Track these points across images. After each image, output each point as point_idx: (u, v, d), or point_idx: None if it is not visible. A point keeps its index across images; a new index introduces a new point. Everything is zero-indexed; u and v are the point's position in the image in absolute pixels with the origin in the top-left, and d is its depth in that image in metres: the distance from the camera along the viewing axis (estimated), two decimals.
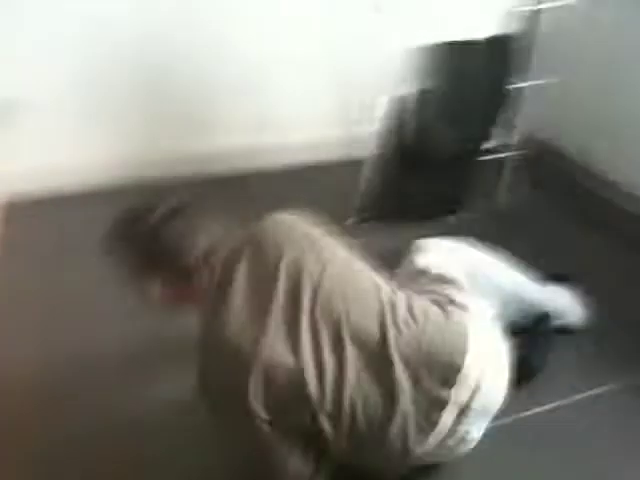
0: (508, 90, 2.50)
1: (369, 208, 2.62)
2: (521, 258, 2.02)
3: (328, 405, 1.41)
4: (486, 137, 2.58)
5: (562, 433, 1.78)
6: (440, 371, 1.46)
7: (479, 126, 2.52)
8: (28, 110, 2.53)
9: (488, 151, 2.64)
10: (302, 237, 1.55)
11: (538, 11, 2.40)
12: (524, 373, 1.78)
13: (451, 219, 2.65)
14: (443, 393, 1.46)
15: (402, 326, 1.47)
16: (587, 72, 2.70)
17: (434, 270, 1.74)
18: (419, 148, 2.46)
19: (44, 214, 2.64)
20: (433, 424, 1.46)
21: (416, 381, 1.44)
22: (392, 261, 1.87)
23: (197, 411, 1.47)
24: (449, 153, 2.43)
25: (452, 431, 1.49)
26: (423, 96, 2.38)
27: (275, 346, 1.39)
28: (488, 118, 2.52)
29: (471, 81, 2.41)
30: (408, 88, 2.38)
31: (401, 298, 1.54)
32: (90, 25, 2.57)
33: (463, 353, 1.47)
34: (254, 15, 2.76)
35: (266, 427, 1.40)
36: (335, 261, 1.53)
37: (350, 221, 2.61)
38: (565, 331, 2.06)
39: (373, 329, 1.46)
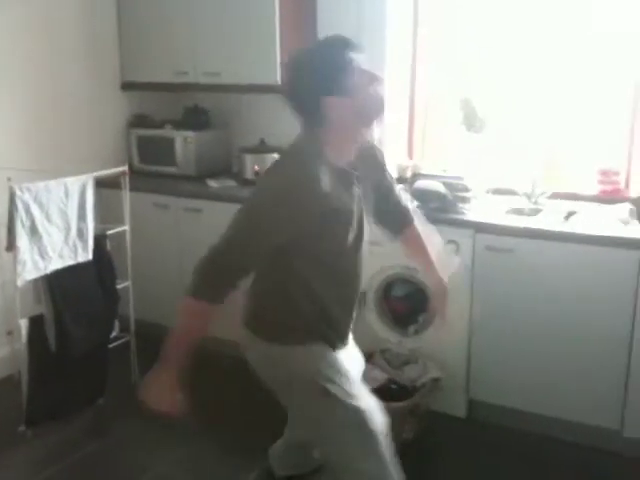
0: (114, 289, 3.24)
1: (35, 413, 2.98)
2: None
3: None
4: (111, 329, 3.26)
5: None
6: None
7: (102, 323, 3.17)
8: None
9: (115, 339, 3.34)
10: None
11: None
12: None
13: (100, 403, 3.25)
14: None
15: None
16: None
17: None
18: (61, 352, 2.96)
19: None
20: None
21: None
22: None
23: None
24: (83, 350, 3.03)
25: None
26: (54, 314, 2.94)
27: None
28: (107, 314, 3.19)
29: (84, 291, 3.06)
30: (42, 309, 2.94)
31: None
32: None
33: None
34: None
35: None
36: None
37: (22, 428, 2.96)
38: None
39: None
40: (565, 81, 3.36)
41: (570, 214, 3.00)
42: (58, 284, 2.93)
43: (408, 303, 3.20)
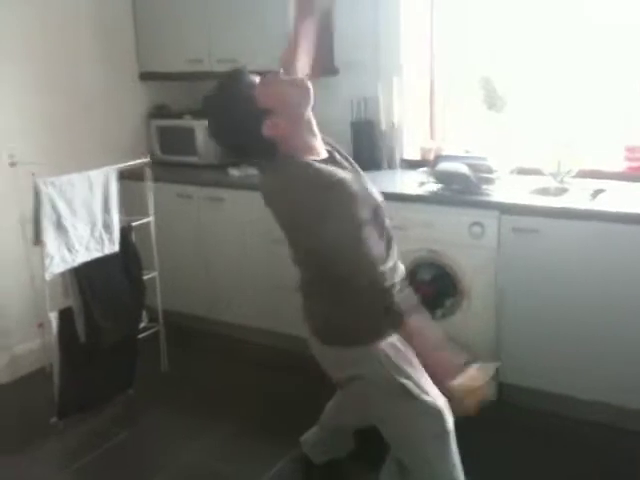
0: (141, 280, 3.25)
1: (66, 405, 3.00)
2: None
3: None
4: (138, 320, 3.27)
5: None
6: None
7: (130, 314, 3.20)
8: None
9: (144, 329, 3.35)
10: None
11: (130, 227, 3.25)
12: None
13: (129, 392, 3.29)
14: None
15: None
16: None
17: None
18: (90, 343, 2.99)
19: None
20: None
21: None
22: None
23: None
24: (112, 341, 3.06)
25: None
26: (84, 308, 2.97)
27: None
28: (135, 305, 3.21)
29: (111, 282, 3.08)
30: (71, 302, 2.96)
31: None
32: None
33: None
34: None
35: None
36: None
37: (54, 420, 2.99)
38: None
39: None
40: (589, 56, 3.29)
41: (597, 192, 2.96)
42: (86, 276, 2.95)
43: (434, 287, 3.18)
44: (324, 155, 1.93)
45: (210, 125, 1.94)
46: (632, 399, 2.78)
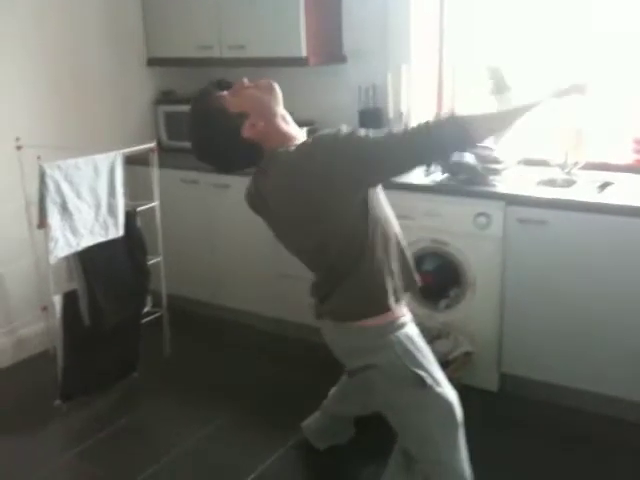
0: (145, 265, 3.24)
1: (70, 387, 3.03)
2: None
3: None
4: (142, 304, 3.28)
5: None
6: None
7: (133, 297, 3.20)
8: None
9: (147, 314, 3.35)
10: None
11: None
12: None
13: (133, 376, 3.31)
14: None
15: None
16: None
17: None
18: (94, 326, 3.00)
19: None
20: None
21: None
22: None
23: None
24: (114, 322, 3.06)
25: None
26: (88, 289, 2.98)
27: None
28: (139, 289, 3.22)
29: (116, 267, 3.10)
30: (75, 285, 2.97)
31: None
32: None
33: None
34: None
35: None
36: None
37: (57, 402, 3.02)
38: None
39: None
40: (598, 47, 3.26)
41: (605, 185, 2.94)
42: (90, 260, 2.96)
43: (439, 277, 3.17)
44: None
45: (195, 148, 2.00)
46: (638, 392, 2.78)
